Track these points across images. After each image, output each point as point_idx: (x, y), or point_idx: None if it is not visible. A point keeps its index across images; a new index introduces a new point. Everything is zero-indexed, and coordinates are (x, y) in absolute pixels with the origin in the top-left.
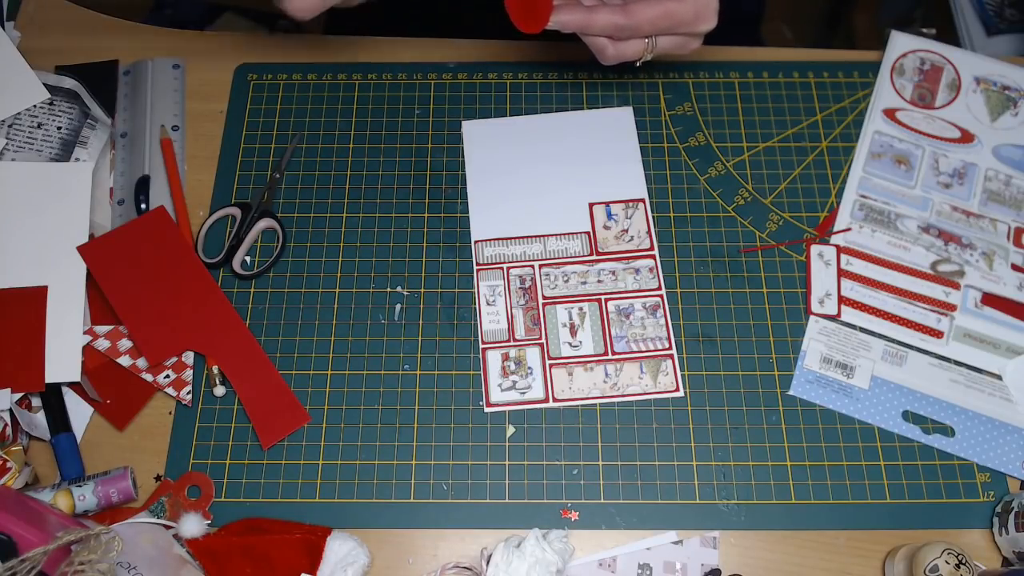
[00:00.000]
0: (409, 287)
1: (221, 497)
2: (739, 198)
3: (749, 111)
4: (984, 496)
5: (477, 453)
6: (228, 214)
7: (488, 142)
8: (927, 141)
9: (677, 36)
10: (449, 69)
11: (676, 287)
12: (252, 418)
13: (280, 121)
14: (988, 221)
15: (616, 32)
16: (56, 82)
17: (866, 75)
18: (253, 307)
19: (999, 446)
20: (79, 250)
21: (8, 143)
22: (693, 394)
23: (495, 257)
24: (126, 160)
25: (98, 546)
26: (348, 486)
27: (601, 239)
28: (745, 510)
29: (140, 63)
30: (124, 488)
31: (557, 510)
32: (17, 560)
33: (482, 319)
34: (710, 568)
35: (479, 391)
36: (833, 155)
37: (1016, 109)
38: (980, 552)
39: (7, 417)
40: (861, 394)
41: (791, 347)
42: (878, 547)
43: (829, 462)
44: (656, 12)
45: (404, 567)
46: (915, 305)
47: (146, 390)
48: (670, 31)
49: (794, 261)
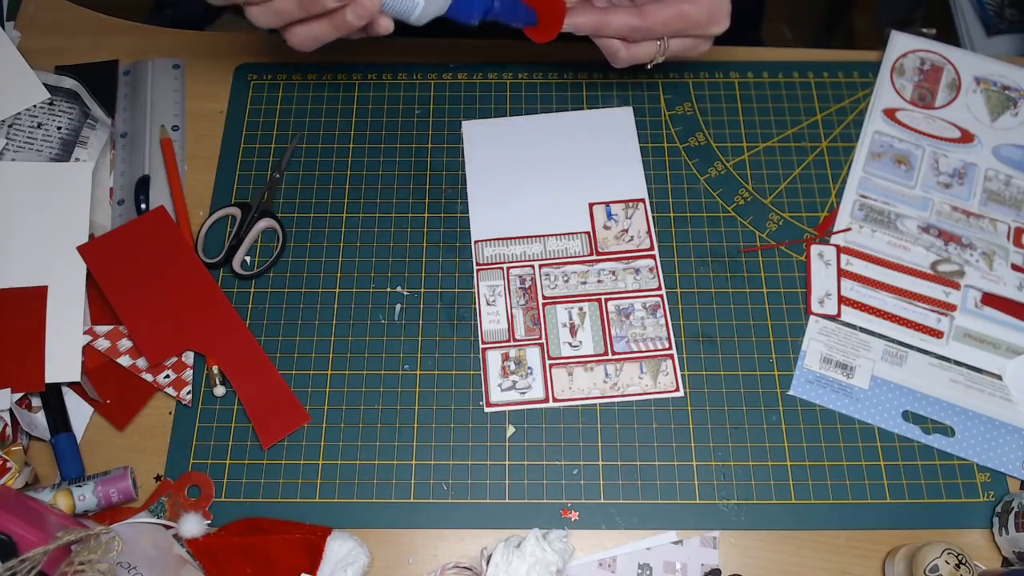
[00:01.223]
0: (409, 287)
1: (221, 497)
2: (739, 198)
3: (749, 111)
4: (984, 496)
5: (477, 453)
6: (228, 214)
7: (488, 142)
8: (927, 141)
9: (689, 38)
10: (449, 69)
11: (676, 287)
12: (252, 418)
13: (280, 121)
14: (988, 221)
15: (630, 34)
16: (56, 82)
17: (866, 75)
18: (253, 307)
19: (999, 446)
20: (79, 250)
21: (8, 143)
22: (693, 394)
23: (495, 257)
24: (126, 160)
25: (98, 546)
26: (348, 486)
27: (601, 239)
28: (745, 510)
29: (140, 63)
30: (124, 488)
31: (557, 510)
32: (17, 560)
33: (482, 319)
34: (710, 568)
35: (479, 391)
36: (833, 155)
37: (1016, 109)
38: (980, 552)
39: (7, 417)
40: (861, 394)
41: (791, 347)
42: (878, 547)
43: (829, 462)
44: (670, 13)
45: (404, 567)
46: (915, 305)
47: (146, 390)
48: (683, 33)
49: (794, 261)
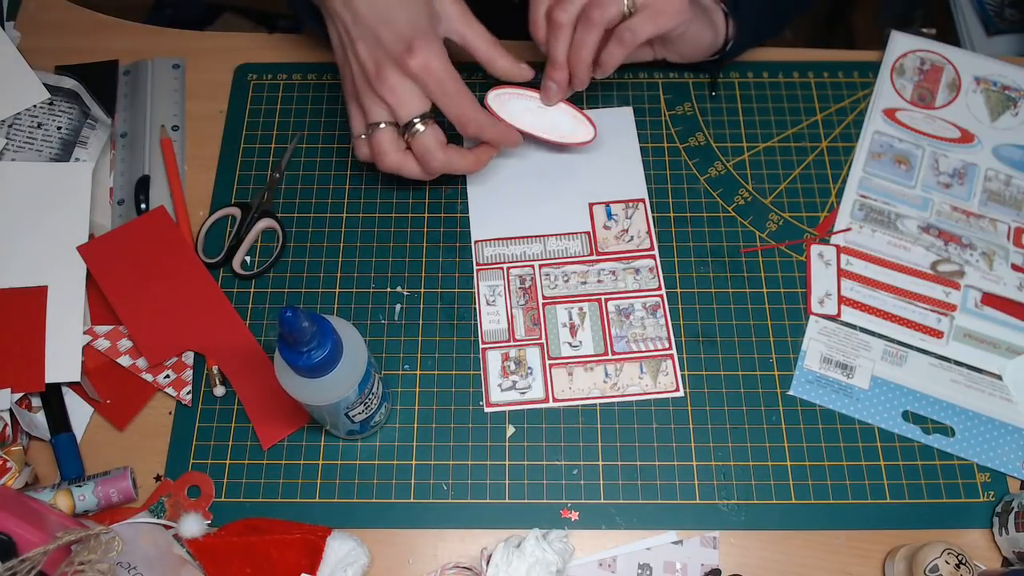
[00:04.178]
0: (409, 287)
1: (221, 497)
2: (739, 198)
3: (749, 111)
4: (984, 496)
5: (477, 453)
6: (228, 214)
7: None
8: (927, 141)
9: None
10: None
11: (676, 287)
12: (252, 418)
13: (280, 121)
14: (988, 221)
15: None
16: (56, 82)
17: (866, 75)
18: (253, 307)
19: (999, 446)
20: (79, 250)
21: (8, 143)
22: (693, 394)
23: (495, 257)
24: (126, 160)
25: (98, 546)
26: (348, 486)
27: (601, 239)
28: (745, 510)
29: (140, 63)
30: (124, 488)
31: (557, 510)
32: (17, 560)
33: (482, 319)
34: (710, 568)
35: (479, 391)
36: (833, 155)
37: (1016, 109)
38: (980, 552)
39: (7, 417)
40: (861, 394)
41: (791, 347)
42: (878, 547)
43: (829, 462)
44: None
45: (404, 567)
46: (915, 305)
47: (146, 390)
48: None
49: (794, 261)
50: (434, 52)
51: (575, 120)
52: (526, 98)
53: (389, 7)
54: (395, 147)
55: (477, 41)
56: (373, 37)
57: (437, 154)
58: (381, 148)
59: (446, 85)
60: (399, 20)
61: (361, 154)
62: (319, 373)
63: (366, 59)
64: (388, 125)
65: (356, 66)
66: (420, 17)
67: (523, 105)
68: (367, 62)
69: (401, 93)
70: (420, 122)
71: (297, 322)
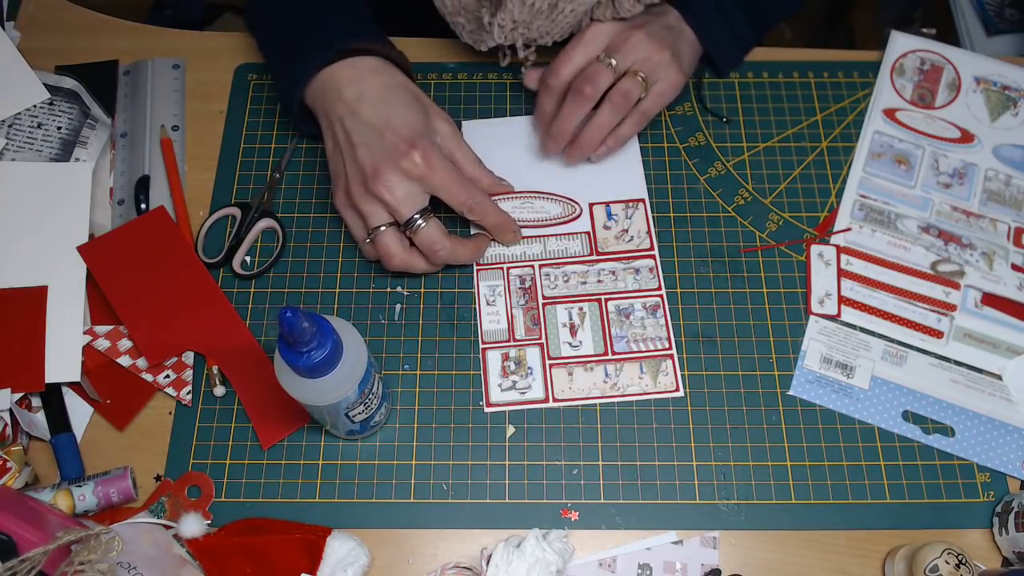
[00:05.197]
0: (409, 287)
1: (221, 497)
2: (739, 198)
3: (749, 111)
4: (984, 496)
5: (477, 453)
6: (228, 214)
7: (488, 142)
8: (927, 141)
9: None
10: (449, 69)
11: (676, 287)
12: (252, 418)
13: (280, 121)
14: (988, 221)
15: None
16: (56, 82)
17: (866, 75)
18: (253, 307)
19: (999, 446)
20: (79, 250)
21: (8, 143)
22: (693, 394)
23: (495, 257)
24: (126, 160)
25: (98, 546)
26: (348, 486)
27: (601, 239)
28: (745, 510)
29: (140, 63)
30: (124, 488)
31: (557, 510)
32: (17, 560)
33: (482, 319)
34: (710, 568)
35: (479, 391)
36: (833, 155)
37: (1016, 109)
38: (980, 552)
39: (7, 417)
40: (861, 394)
41: (791, 347)
42: (878, 547)
43: (829, 462)
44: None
45: (404, 567)
46: (915, 305)
47: (146, 390)
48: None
49: (794, 261)
50: (435, 148)
51: (562, 204)
52: (513, 199)
53: (393, 113)
54: (400, 247)
55: (464, 161)
56: (375, 140)
57: (443, 242)
58: (388, 251)
59: (448, 174)
60: (402, 125)
61: (369, 257)
62: (319, 373)
63: (365, 162)
64: (389, 227)
65: (354, 169)
66: (420, 123)
67: (510, 206)
68: (366, 165)
69: (400, 192)
70: (421, 218)
71: (297, 322)
